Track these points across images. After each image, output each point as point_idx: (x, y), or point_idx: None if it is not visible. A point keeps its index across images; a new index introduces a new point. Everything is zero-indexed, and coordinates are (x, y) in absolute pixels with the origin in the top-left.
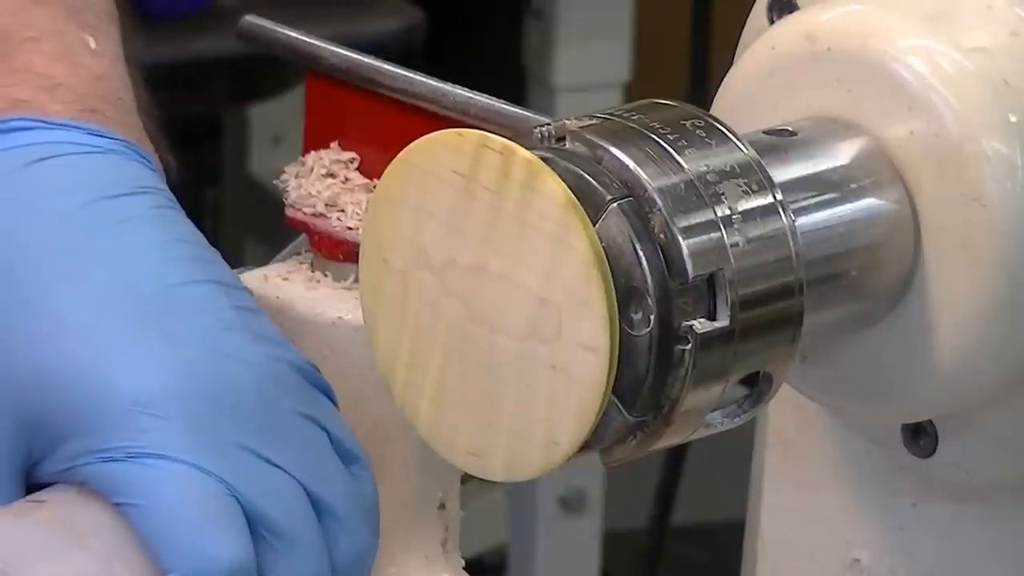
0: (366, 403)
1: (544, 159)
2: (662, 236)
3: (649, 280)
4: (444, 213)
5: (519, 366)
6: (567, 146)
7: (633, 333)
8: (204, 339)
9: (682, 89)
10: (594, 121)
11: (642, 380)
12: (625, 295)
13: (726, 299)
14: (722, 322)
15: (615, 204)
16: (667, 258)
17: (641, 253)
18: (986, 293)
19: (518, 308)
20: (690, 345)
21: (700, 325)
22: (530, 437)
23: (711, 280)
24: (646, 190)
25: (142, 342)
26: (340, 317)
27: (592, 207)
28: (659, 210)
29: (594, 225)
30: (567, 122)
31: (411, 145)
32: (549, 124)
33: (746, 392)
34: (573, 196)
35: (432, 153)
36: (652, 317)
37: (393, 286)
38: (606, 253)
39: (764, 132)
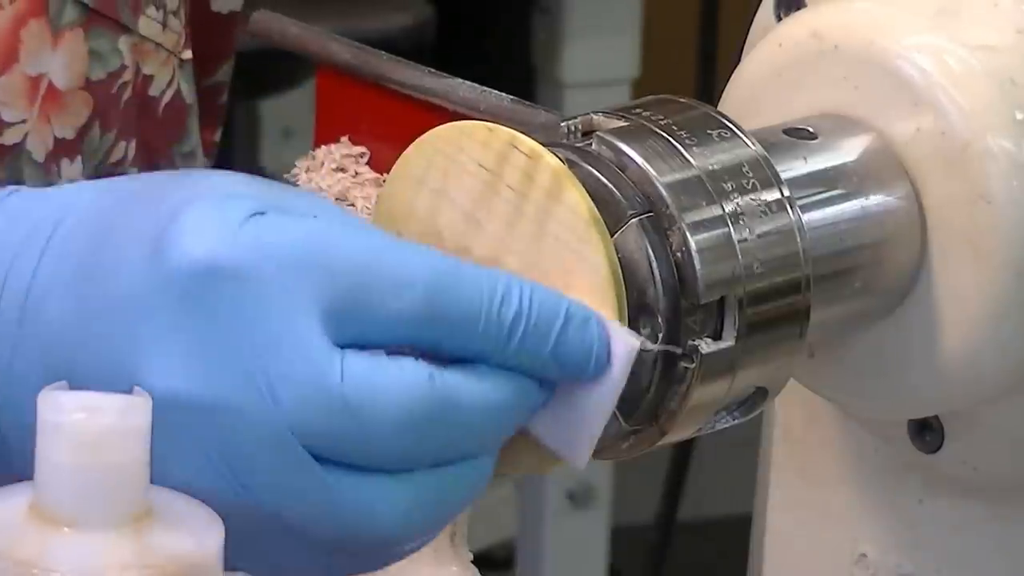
0: None
1: (569, 162)
2: (679, 255)
3: (661, 301)
4: (465, 202)
5: None
6: (593, 147)
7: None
8: None
9: (690, 85)
10: (621, 122)
11: (643, 393)
12: (636, 309)
13: (734, 320)
14: (727, 342)
15: (636, 219)
16: (681, 276)
17: (656, 273)
18: (992, 290)
19: None
20: (694, 364)
21: (706, 345)
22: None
23: (721, 299)
24: (668, 207)
25: None
26: None
27: (612, 217)
28: (678, 229)
29: (612, 235)
30: (595, 118)
31: (438, 129)
32: (577, 118)
33: (749, 392)
34: (596, 212)
35: (459, 142)
36: (660, 335)
37: None
38: (621, 264)
39: (784, 131)
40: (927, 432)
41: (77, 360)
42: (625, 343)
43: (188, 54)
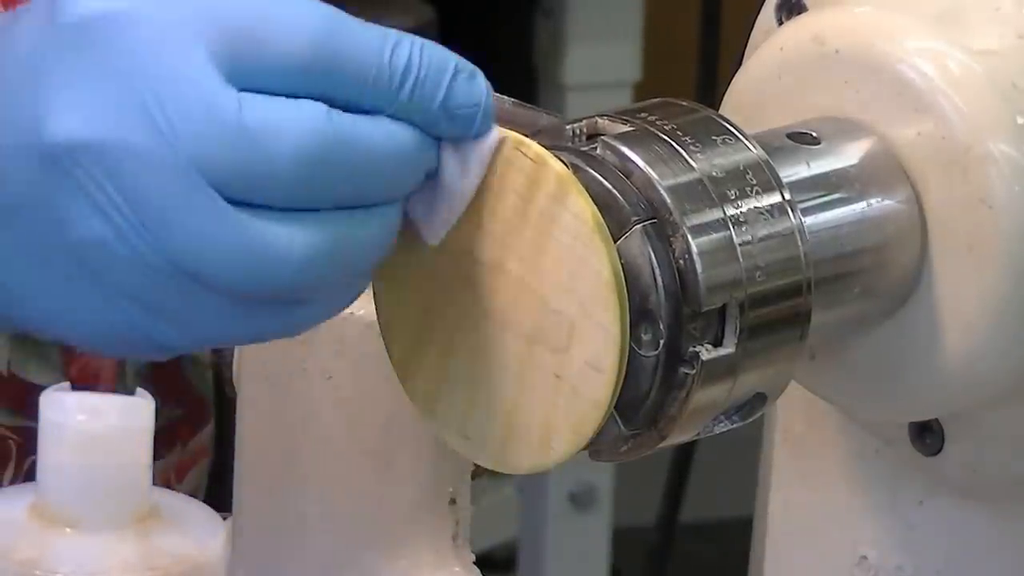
0: (378, 398)
1: (573, 166)
2: (681, 262)
3: (663, 307)
4: (468, 204)
5: (524, 367)
6: (598, 151)
7: (640, 352)
8: None
9: (691, 88)
10: (625, 126)
11: (643, 398)
12: (638, 314)
13: (735, 328)
14: (728, 349)
15: (639, 225)
16: (683, 283)
17: (659, 280)
18: (992, 294)
19: (530, 312)
20: (694, 371)
21: (706, 352)
22: (525, 435)
23: (723, 306)
24: (671, 212)
25: None
26: (352, 312)
27: (616, 223)
28: (682, 236)
29: (616, 240)
30: (599, 121)
31: None
32: (582, 121)
33: (749, 396)
34: (601, 219)
35: None
36: (661, 342)
37: (407, 259)
38: (624, 270)
39: (788, 136)
40: (928, 434)
41: None
42: (496, 133)
43: None
